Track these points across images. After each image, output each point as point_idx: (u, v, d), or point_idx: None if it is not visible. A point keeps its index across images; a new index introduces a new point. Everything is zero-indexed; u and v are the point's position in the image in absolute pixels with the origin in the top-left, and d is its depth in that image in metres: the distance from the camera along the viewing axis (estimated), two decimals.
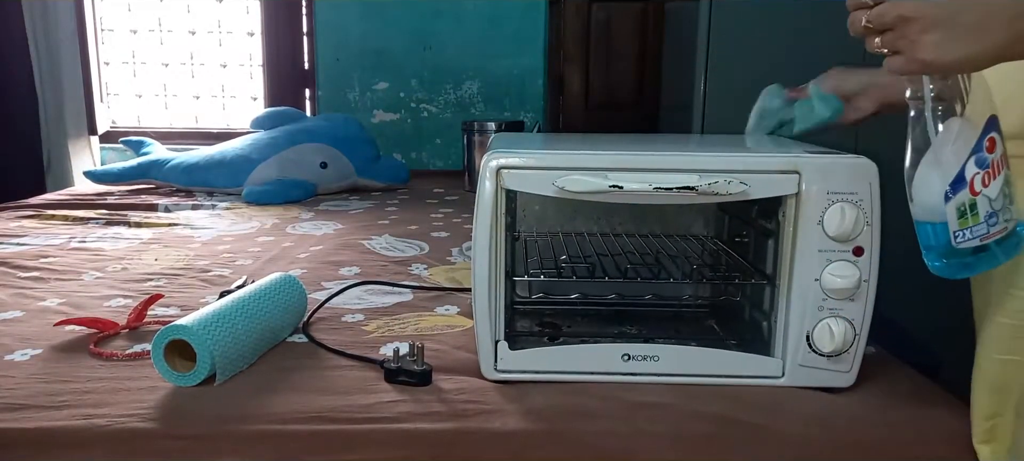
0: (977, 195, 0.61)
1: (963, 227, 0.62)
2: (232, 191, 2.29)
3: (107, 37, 3.01)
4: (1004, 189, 0.61)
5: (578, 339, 0.98)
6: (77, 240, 1.66)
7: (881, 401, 0.83)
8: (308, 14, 2.97)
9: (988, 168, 0.60)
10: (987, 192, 0.61)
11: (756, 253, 0.97)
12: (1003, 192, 0.61)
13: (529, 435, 0.77)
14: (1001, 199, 0.61)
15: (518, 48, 2.92)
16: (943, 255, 0.64)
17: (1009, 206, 0.62)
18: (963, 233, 0.62)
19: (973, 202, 0.61)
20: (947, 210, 0.62)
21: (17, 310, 1.13)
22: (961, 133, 0.61)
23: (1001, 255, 0.63)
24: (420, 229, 1.76)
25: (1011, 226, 0.62)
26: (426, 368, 0.86)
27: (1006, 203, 0.62)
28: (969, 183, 0.61)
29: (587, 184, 0.80)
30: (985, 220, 0.61)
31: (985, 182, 0.61)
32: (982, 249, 0.63)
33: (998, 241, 0.62)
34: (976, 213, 0.62)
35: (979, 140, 0.61)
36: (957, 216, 0.62)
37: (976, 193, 0.61)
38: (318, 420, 0.78)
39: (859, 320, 0.82)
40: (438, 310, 1.14)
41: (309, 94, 3.04)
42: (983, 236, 0.62)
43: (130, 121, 3.07)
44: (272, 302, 0.98)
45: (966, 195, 0.61)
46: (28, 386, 0.84)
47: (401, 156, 2.92)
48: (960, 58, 0.59)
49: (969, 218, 0.62)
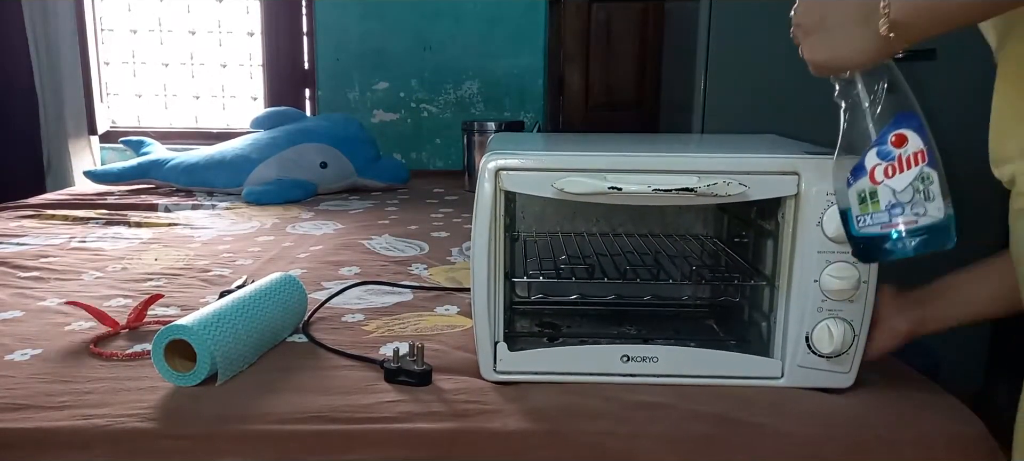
0: (877, 184, 0.65)
1: (863, 212, 0.67)
2: (232, 191, 2.29)
3: (107, 37, 3.01)
4: (916, 184, 0.65)
5: (577, 340, 0.98)
6: (77, 240, 1.66)
7: (880, 402, 0.84)
8: (308, 14, 2.97)
9: (893, 161, 0.65)
10: (890, 183, 0.65)
11: (755, 254, 0.97)
12: (916, 187, 0.65)
13: (528, 435, 0.77)
14: (910, 192, 0.65)
15: (518, 48, 2.93)
16: (853, 240, 0.69)
17: (924, 202, 0.65)
18: (863, 218, 0.67)
19: (873, 190, 0.66)
20: (849, 194, 0.67)
21: (17, 310, 1.13)
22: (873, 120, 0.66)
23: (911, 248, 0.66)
24: (420, 229, 1.77)
25: (923, 222, 0.65)
26: (426, 368, 0.86)
27: (919, 198, 0.65)
28: (869, 172, 0.66)
29: (586, 186, 0.80)
30: (886, 209, 0.65)
31: (887, 173, 0.65)
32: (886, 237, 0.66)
33: (908, 231, 0.65)
34: (876, 200, 0.66)
35: (883, 134, 0.65)
36: (858, 201, 0.67)
37: (876, 182, 0.65)
38: (318, 420, 0.78)
39: (858, 321, 0.83)
40: (438, 310, 1.14)
41: (309, 94, 3.04)
42: (884, 224, 0.66)
43: (130, 121, 3.07)
44: (272, 302, 0.98)
45: (866, 182, 0.66)
46: (28, 386, 0.84)
47: (401, 156, 2.92)
48: (829, 58, 0.66)
49: (869, 204, 0.66)
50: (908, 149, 0.65)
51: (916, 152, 0.65)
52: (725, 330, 1.04)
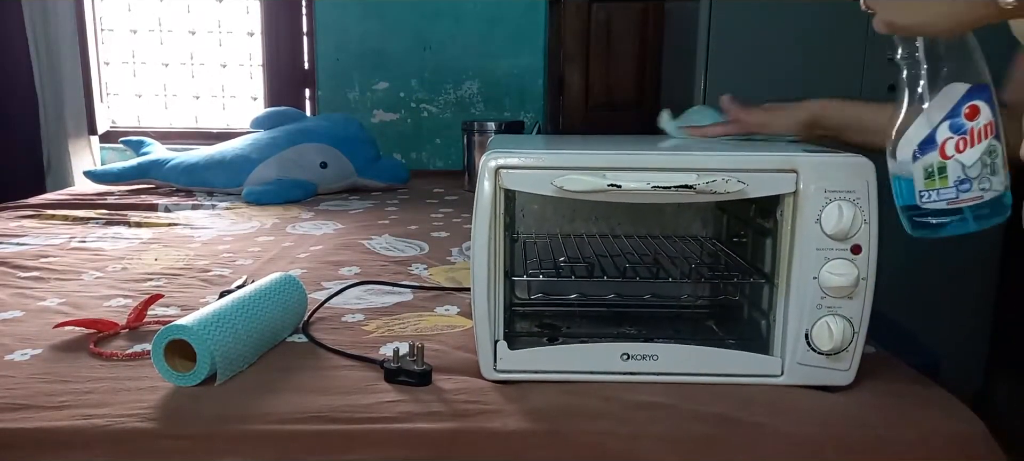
0: (948, 159, 0.62)
1: (929, 188, 0.63)
2: (232, 191, 2.29)
3: (107, 37, 3.02)
4: (985, 158, 0.62)
5: (577, 339, 0.98)
6: (77, 240, 1.66)
7: (880, 400, 0.84)
8: (308, 14, 2.97)
9: (965, 134, 0.61)
10: (961, 158, 0.62)
11: (755, 252, 0.97)
12: (984, 161, 0.62)
13: (528, 435, 0.77)
14: (979, 167, 0.61)
15: (518, 48, 2.93)
16: (910, 213, 0.65)
17: (990, 176, 0.62)
18: (929, 194, 0.63)
19: (942, 165, 0.62)
20: (914, 169, 0.64)
21: (17, 310, 1.13)
22: (943, 97, 0.62)
23: (973, 222, 0.63)
24: (420, 229, 1.77)
25: (988, 196, 0.62)
26: (426, 368, 0.86)
27: (986, 172, 0.62)
28: (940, 146, 0.62)
29: (585, 183, 0.81)
30: (955, 185, 0.62)
31: (959, 147, 0.61)
32: (953, 212, 0.63)
33: (971, 208, 0.62)
34: (945, 176, 0.62)
35: (957, 105, 0.61)
36: (924, 176, 0.63)
37: (947, 156, 0.62)
38: (318, 420, 0.78)
39: (858, 318, 0.82)
40: (438, 310, 1.14)
41: (309, 94, 3.04)
42: (951, 200, 0.63)
43: (130, 121, 3.08)
44: (272, 302, 0.98)
45: (935, 157, 0.63)
46: (28, 386, 0.84)
47: (401, 156, 2.92)
48: (919, 22, 0.61)
49: (936, 180, 0.63)
50: (980, 121, 0.61)
51: (987, 124, 0.62)
52: (725, 329, 1.04)
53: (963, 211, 0.63)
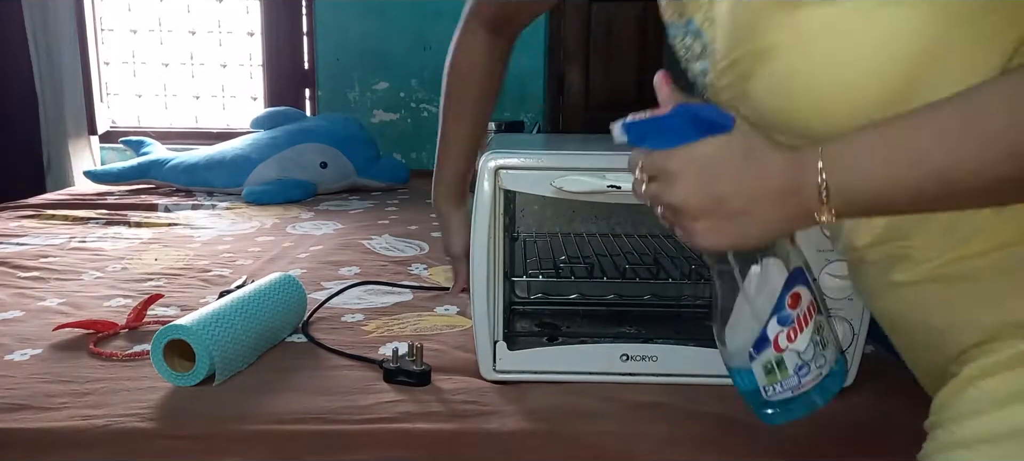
0: (782, 352, 0.60)
1: (772, 383, 0.61)
2: (232, 191, 2.29)
3: (107, 37, 3.02)
4: (815, 336, 0.61)
5: (577, 339, 0.98)
6: (77, 240, 1.66)
7: (880, 401, 0.83)
8: (308, 14, 2.97)
9: (793, 324, 0.59)
10: (794, 346, 0.60)
11: None
12: (813, 340, 0.61)
13: (527, 435, 0.77)
14: (812, 348, 0.60)
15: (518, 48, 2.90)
16: (754, 399, 0.64)
17: (822, 351, 0.61)
18: (773, 388, 0.62)
19: (779, 358, 0.60)
20: (753, 367, 0.61)
21: (17, 310, 1.13)
22: (764, 295, 0.60)
23: (818, 399, 0.63)
24: (420, 229, 1.77)
25: (825, 371, 0.61)
26: (425, 368, 0.86)
27: (819, 350, 0.61)
28: (772, 341, 0.60)
29: (585, 184, 0.80)
30: (795, 372, 0.61)
31: (790, 337, 0.60)
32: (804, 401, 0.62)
33: (815, 388, 0.62)
34: (784, 368, 0.61)
35: (780, 297, 0.59)
36: (764, 373, 0.61)
37: (781, 350, 0.60)
38: (317, 420, 0.78)
39: (858, 320, 0.82)
40: (437, 310, 1.14)
41: (309, 94, 3.04)
42: (794, 388, 0.61)
43: (130, 121, 3.08)
44: (272, 302, 0.98)
45: (771, 353, 0.60)
46: (28, 386, 0.84)
47: (401, 156, 2.92)
48: (733, 243, 0.57)
49: (776, 374, 0.61)
50: (803, 305, 0.60)
51: (809, 305, 0.60)
52: None
53: (809, 393, 0.62)
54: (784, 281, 0.60)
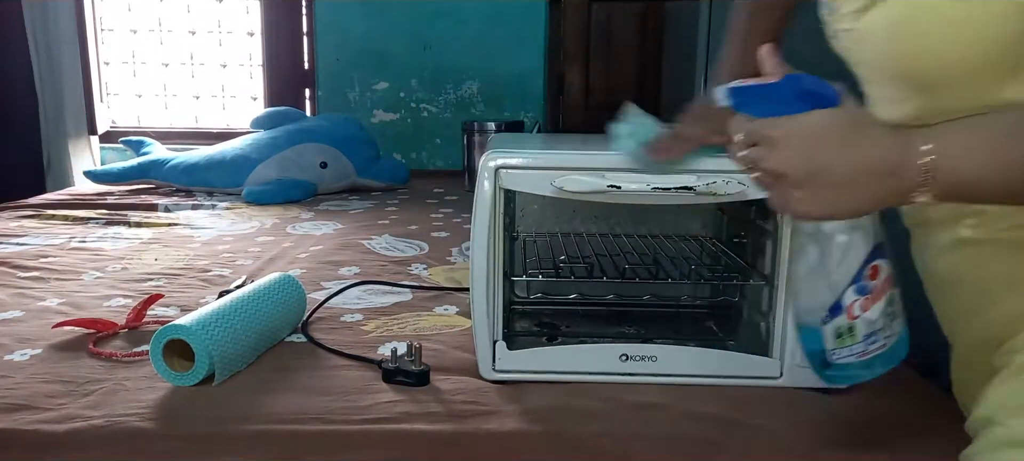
0: (855, 319, 0.63)
1: (840, 346, 0.64)
2: (232, 191, 2.29)
3: (107, 37, 3.01)
4: (887, 308, 0.63)
5: (576, 339, 0.98)
6: (77, 240, 1.66)
7: (879, 401, 0.83)
8: (308, 14, 2.97)
9: (869, 295, 0.62)
10: (867, 316, 0.63)
11: (755, 253, 0.97)
12: (886, 312, 0.63)
13: (527, 436, 0.77)
14: (882, 319, 0.63)
15: (518, 48, 2.92)
16: (822, 365, 0.67)
17: (891, 323, 0.63)
18: (839, 351, 0.65)
19: (851, 325, 0.63)
20: (824, 331, 0.64)
21: (17, 310, 1.13)
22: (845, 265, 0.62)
23: (880, 367, 0.65)
24: (420, 229, 1.77)
25: (891, 342, 0.64)
26: (424, 368, 0.86)
27: (887, 321, 0.63)
28: (847, 309, 0.63)
29: (585, 184, 0.80)
30: (863, 340, 0.63)
31: (865, 307, 0.62)
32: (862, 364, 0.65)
33: (879, 356, 0.64)
34: (854, 334, 0.64)
35: (861, 269, 0.62)
36: (834, 336, 0.64)
37: (854, 318, 0.63)
38: (316, 420, 0.78)
39: None
40: (437, 310, 1.14)
41: (309, 94, 3.04)
42: (860, 354, 0.64)
43: (130, 121, 3.07)
44: (271, 302, 0.98)
45: (844, 320, 0.63)
46: (27, 386, 0.84)
47: (401, 156, 2.92)
48: (828, 213, 0.59)
49: (846, 338, 0.64)
50: (880, 278, 0.62)
51: (887, 278, 0.63)
52: (724, 330, 1.04)
53: (871, 360, 0.64)
54: (866, 253, 0.62)
